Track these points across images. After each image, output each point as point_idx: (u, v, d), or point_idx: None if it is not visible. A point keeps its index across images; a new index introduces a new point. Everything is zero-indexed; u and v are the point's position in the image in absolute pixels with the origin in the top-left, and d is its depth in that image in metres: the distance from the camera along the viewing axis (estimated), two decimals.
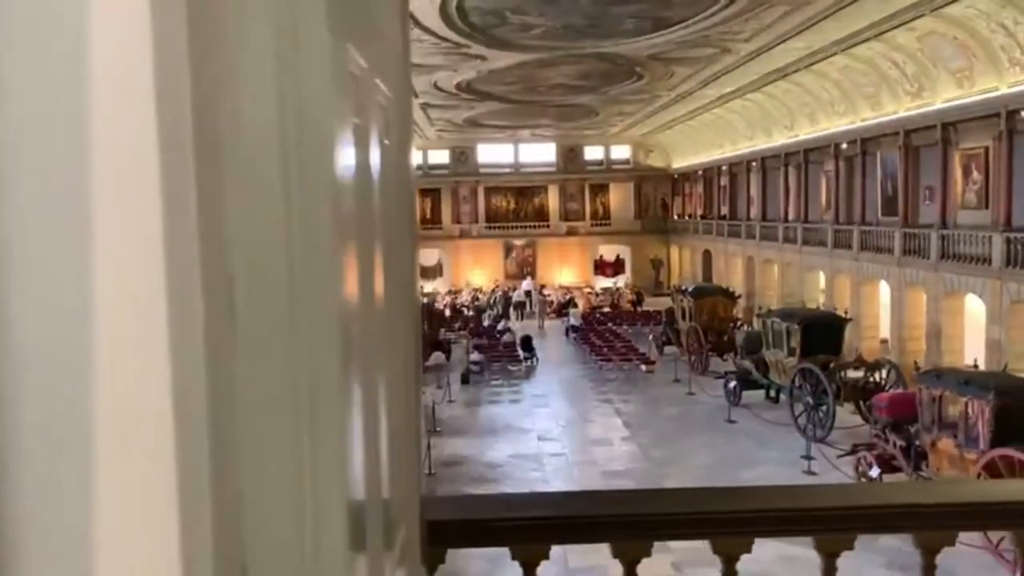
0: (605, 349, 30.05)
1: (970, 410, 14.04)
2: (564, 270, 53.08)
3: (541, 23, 18.87)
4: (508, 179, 53.78)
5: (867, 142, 27.37)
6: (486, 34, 19.97)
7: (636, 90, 30.29)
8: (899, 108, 24.51)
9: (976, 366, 20.53)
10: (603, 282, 51.75)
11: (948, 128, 22.77)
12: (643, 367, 28.01)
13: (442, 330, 35.61)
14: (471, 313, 42.77)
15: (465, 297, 47.57)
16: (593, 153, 53.44)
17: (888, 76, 23.97)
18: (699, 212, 48.30)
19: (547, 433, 21.69)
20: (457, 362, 30.20)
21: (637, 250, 53.24)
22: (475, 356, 28.43)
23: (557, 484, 17.34)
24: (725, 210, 42.83)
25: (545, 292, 48.10)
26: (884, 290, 26.34)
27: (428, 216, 54.30)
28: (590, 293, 48.62)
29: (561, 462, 19.26)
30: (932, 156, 23.85)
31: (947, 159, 23.16)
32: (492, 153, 52.86)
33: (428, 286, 51.93)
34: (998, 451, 13.27)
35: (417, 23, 18.83)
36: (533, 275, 51.97)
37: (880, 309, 26.68)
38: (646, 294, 47.35)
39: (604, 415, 23.51)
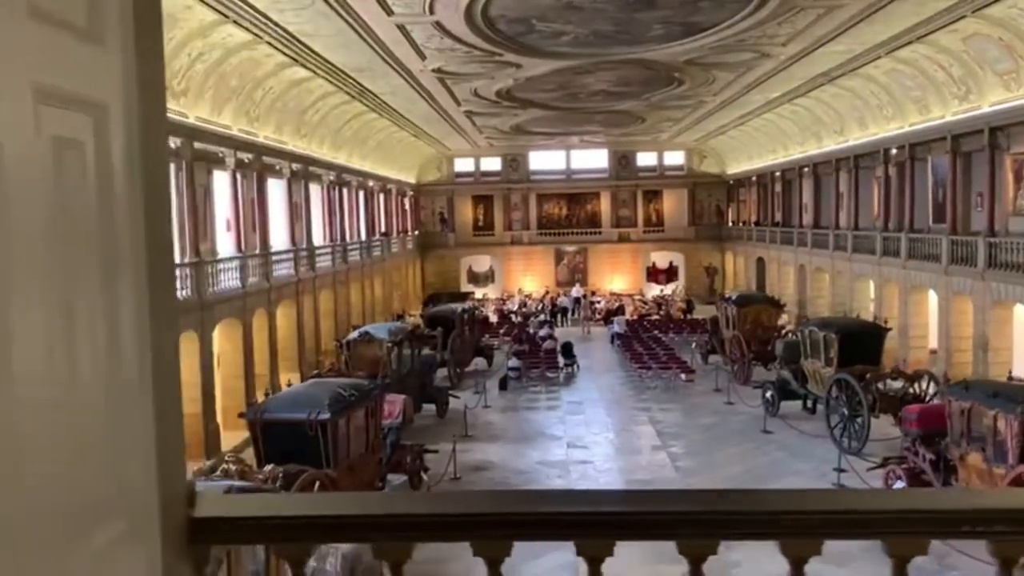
0: (646, 357, 29.82)
1: (999, 424, 13.56)
2: (616, 277, 52.82)
3: (569, 30, 18.94)
4: (560, 185, 53.83)
5: (916, 147, 26.63)
6: (516, 41, 20.12)
7: (679, 96, 30.05)
8: (946, 112, 23.79)
9: (1022, 379, 19.80)
10: (655, 289, 51.34)
11: (996, 132, 22.02)
12: (683, 376, 27.72)
13: (486, 336, 35.84)
14: (519, 319, 42.92)
15: (514, 303, 47.66)
16: (646, 159, 53.08)
17: (935, 79, 23.29)
18: (753, 219, 47.55)
19: (578, 440, 21.65)
20: (499, 368, 30.38)
21: (691, 257, 52.69)
22: (513, 362, 28.53)
23: None
24: (778, 217, 42.10)
25: (595, 299, 47.96)
26: (933, 299, 25.55)
27: (481, 223, 54.80)
28: (640, 300, 48.23)
29: (588, 469, 19.22)
30: (982, 161, 23.09)
31: (994, 164, 22.38)
32: (544, 160, 52.98)
33: (479, 292, 52.43)
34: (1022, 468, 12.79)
35: (445, 31, 19.11)
36: (584, 282, 51.91)
37: (929, 319, 25.88)
38: (699, 302, 46.78)
39: (638, 424, 23.35)
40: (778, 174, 41.46)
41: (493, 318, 44.17)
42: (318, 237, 32.06)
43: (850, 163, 31.69)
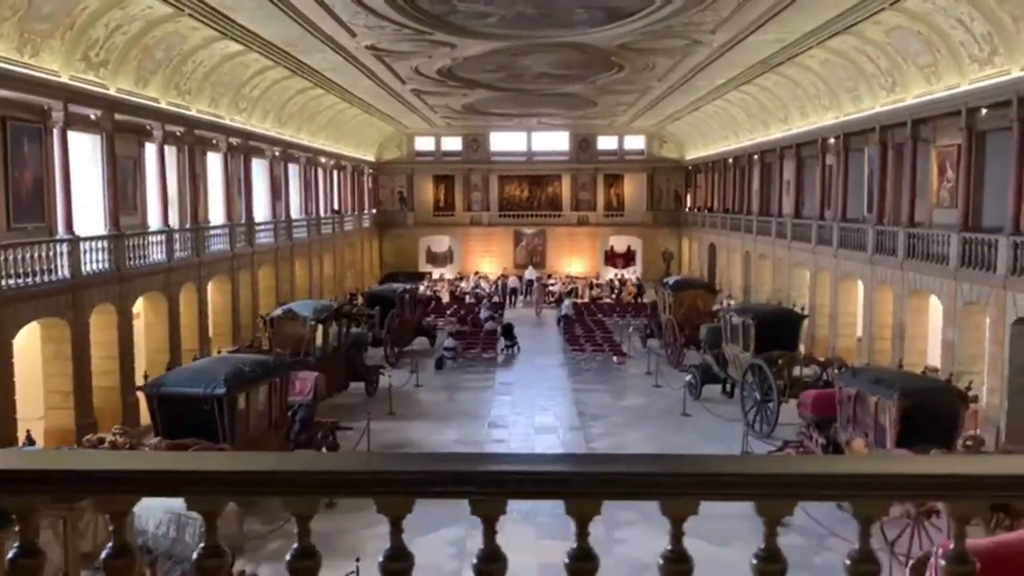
0: (582, 340, 30.08)
1: (879, 409, 13.90)
2: (574, 260, 53.02)
3: (492, 11, 18.95)
4: (521, 167, 53.81)
5: (851, 137, 26.94)
6: (442, 21, 20.10)
7: (624, 80, 30.13)
8: (876, 103, 24.08)
9: (936, 369, 20.24)
10: (613, 273, 51.61)
11: (920, 124, 22.34)
12: (615, 359, 28.01)
13: (432, 316, 35.97)
14: (472, 300, 43.05)
15: (468, 284, 47.75)
16: (607, 143, 53.14)
17: (865, 70, 23.56)
18: (708, 205, 47.88)
19: (499, 420, 21.88)
20: (440, 348, 30.54)
21: (649, 242, 52.95)
22: (449, 343, 28.68)
23: None
24: (731, 203, 42.43)
25: (550, 281, 48.19)
26: (861, 288, 25.96)
27: (442, 203, 54.72)
28: (595, 284, 48.52)
29: (503, 448, 19.41)
30: (911, 152, 23.39)
31: (916, 156, 22.73)
32: (505, 141, 52.90)
33: (437, 272, 52.49)
34: (897, 452, 13.13)
35: (369, 9, 19.06)
36: (542, 264, 52.09)
37: (858, 307, 26.30)
38: (657, 286, 47.03)
39: (563, 404, 23.61)
40: (730, 161, 41.75)
41: (446, 298, 44.35)
42: (261, 213, 31.93)
43: (793, 151, 32.01)
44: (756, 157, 37.04)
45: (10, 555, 2.29)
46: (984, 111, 19.32)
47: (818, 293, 28.65)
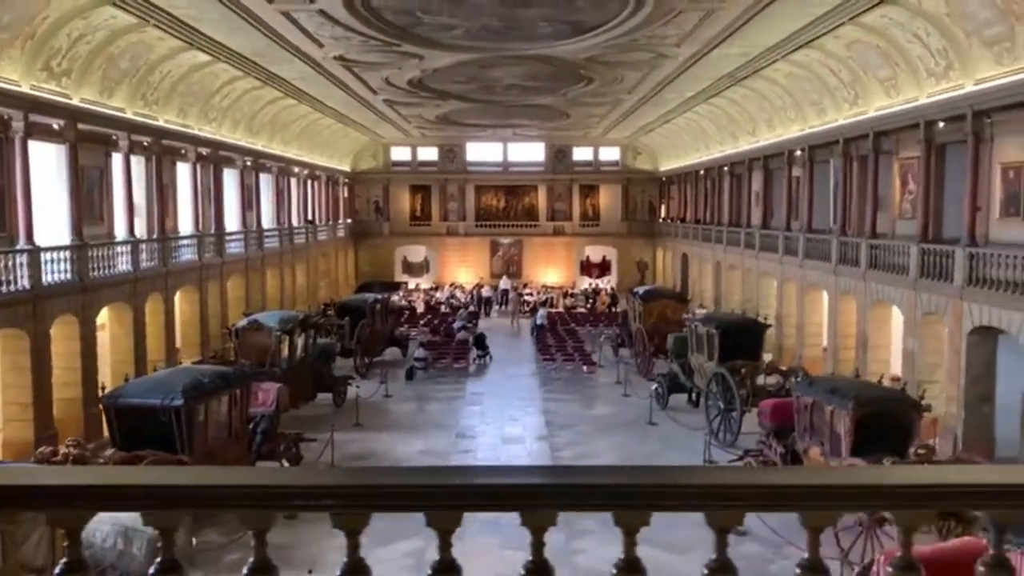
0: (553, 350, 30.18)
1: (834, 418, 14.07)
2: (550, 270, 53.19)
3: (456, 23, 19.06)
4: (497, 177, 53.96)
5: (816, 149, 27.28)
6: (408, 33, 20.19)
7: (593, 93, 30.35)
8: (839, 116, 24.41)
9: (898, 378, 20.49)
10: (587, 283, 51.81)
11: (880, 137, 22.67)
12: (584, 368, 28.13)
13: (405, 326, 35.96)
14: (447, 311, 43.05)
15: (443, 294, 47.75)
16: (582, 154, 53.45)
17: (828, 83, 23.89)
18: (681, 215, 48.24)
19: (467, 431, 21.92)
20: (412, 358, 30.50)
21: (624, 252, 53.22)
22: (420, 353, 28.70)
23: None
24: (703, 214, 42.77)
25: (526, 291, 48.33)
26: (826, 298, 26.24)
27: (418, 213, 54.76)
28: (569, 294, 48.71)
29: (468, 458, 19.48)
30: (883, 164, 23.70)
31: (879, 168, 23.07)
32: (481, 151, 53.07)
33: (413, 282, 52.49)
34: (851, 461, 13.30)
35: (333, 20, 19.13)
36: (519, 274, 52.25)
37: (823, 317, 26.57)
38: (628, 296, 47.29)
39: (531, 414, 23.68)
40: (701, 172, 42.10)
41: (421, 308, 44.35)
42: (232, 223, 31.85)
43: (761, 163, 32.35)
44: (726, 169, 37.39)
45: None
46: (941, 124, 19.64)
47: (785, 303, 28.95)
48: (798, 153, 28.59)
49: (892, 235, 23.31)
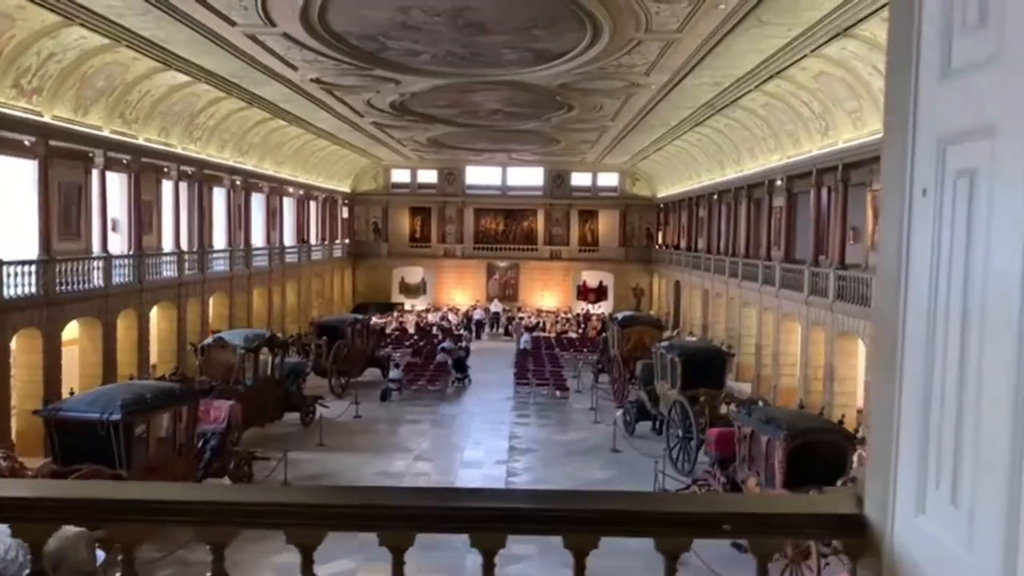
0: (529, 374, 30.15)
1: (769, 448, 13.99)
2: (546, 294, 53.25)
3: (420, 49, 19.30)
4: (496, 201, 54.22)
5: (794, 180, 27.30)
6: (377, 58, 20.45)
7: (577, 119, 30.55)
8: (812, 147, 24.44)
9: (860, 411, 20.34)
10: (581, 308, 51.80)
11: (849, 169, 22.66)
12: (558, 393, 28.09)
13: (389, 347, 36.04)
14: (437, 333, 43.10)
15: (435, 316, 47.87)
16: (580, 179, 53.65)
17: (802, 114, 23.94)
18: (675, 243, 48.24)
19: (427, 453, 21.90)
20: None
21: (620, 278, 53.21)
22: (395, 374, 28.76)
23: None
24: (697, 242, 42.76)
25: (520, 315, 48.40)
26: (800, 329, 26.13)
27: (418, 235, 55.10)
28: (562, 317, 48.74)
29: (423, 481, 19.45)
30: (857, 195, 23.67)
31: (848, 199, 23.06)
32: (480, 175, 53.40)
33: (409, 303, 52.70)
34: (779, 492, 13.19)
35: (301, 44, 19.42)
36: (515, 298, 52.37)
37: (798, 347, 26.43)
38: (608, 322, 47.23)
39: (497, 438, 23.62)
40: (694, 200, 42.15)
41: (411, 330, 44.44)
42: (220, 241, 32.19)
43: (745, 192, 32.37)
44: (715, 197, 37.42)
45: None
46: None
47: (763, 332, 28.83)
48: (778, 183, 28.61)
49: (865, 266, 23.21)
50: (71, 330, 21.95)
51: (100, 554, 11.29)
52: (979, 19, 1.83)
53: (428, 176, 53.70)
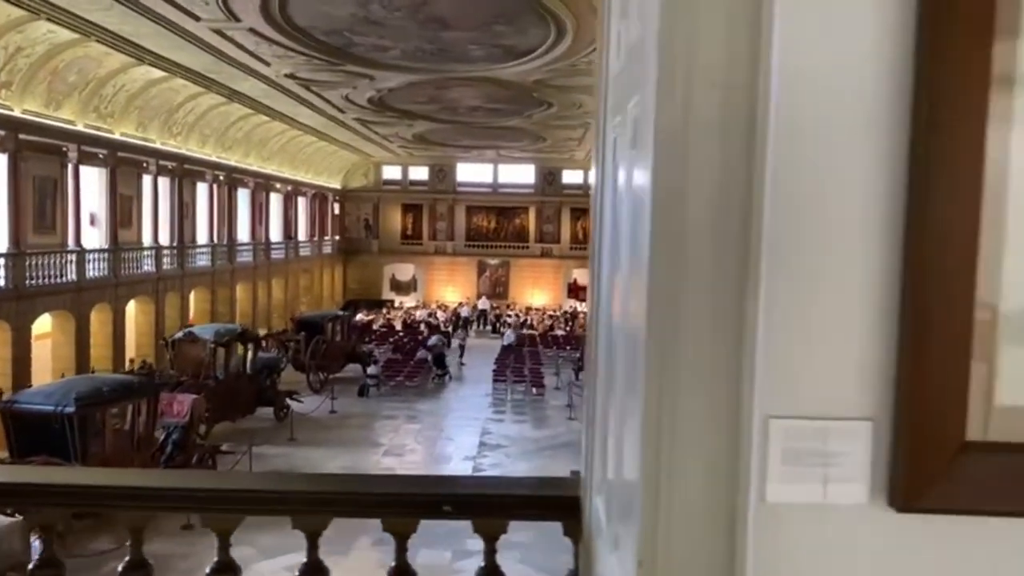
0: (508, 371, 30.19)
1: None
2: (537, 292, 53.28)
3: (388, 44, 19.34)
4: (487, 198, 54.25)
5: None
6: (346, 53, 20.50)
7: (558, 116, 30.56)
8: None
9: None
10: (570, 306, 51.86)
11: None
12: (534, 390, 28.15)
13: (372, 343, 36.09)
14: (425, 330, 43.16)
15: (422, 313, 47.95)
16: (572, 177, 53.54)
17: None
18: None
19: (396, 449, 21.96)
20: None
21: None
22: (372, 370, 28.81)
23: None
24: None
25: (509, 312, 48.47)
26: None
27: (410, 231, 55.15)
28: (549, 315, 48.82)
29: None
30: None
31: None
32: (471, 172, 53.40)
33: (399, 300, 52.78)
34: None
35: (268, 39, 19.48)
36: (505, 295, 52.42)
37: None
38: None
39: (469, 435, 23.67)
40: None
41: (399, 326, 44.50)
42: (202, 235, 32.29)
43: None
44: None
45: None
46: None
47: None
48: None
49: None
50: (44, 324, 22.07)
51: (36, 544, 11.36)
52: None
53: (419, 173, 53.73)
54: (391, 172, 53.72)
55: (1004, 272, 1.14)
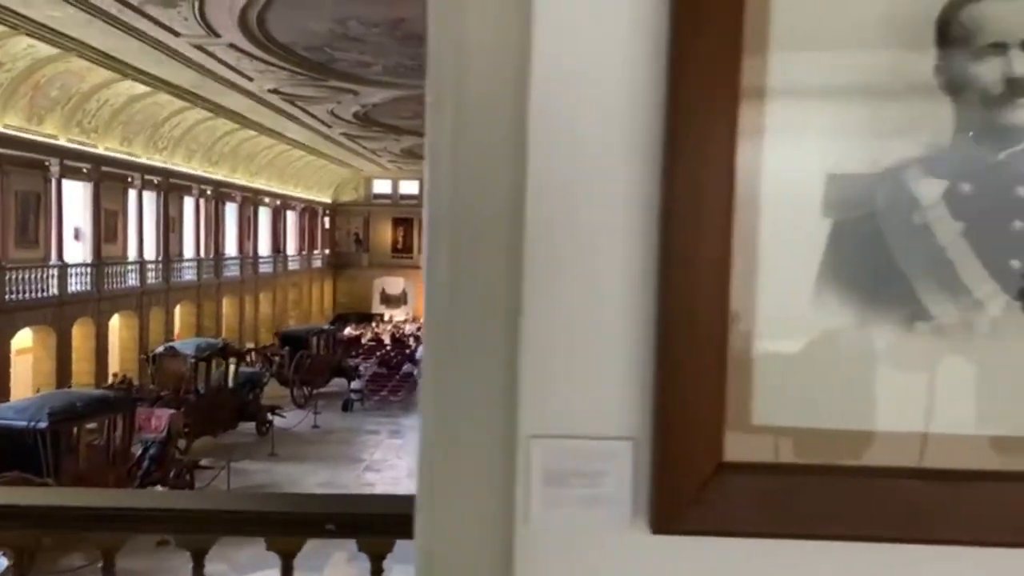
0: None
1: None
2: None
3: (369, 60, 19.38)
4: None
5: None
6: (328, 68, 20.54)
7: None
8: None
9: None
10: None
11: None
12: None
13: (359, 358, 36.00)
14: (412, 343, 43.07)
15: (411, 327, 47.86)
16: None
17: None
18: None
19: (377, 464, 21.89)
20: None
21: None
22: (356, 384, 28.74)
23: None
24: None
25: None
26: None
27: (400, 245, 55.14)
28: None
29: (367, 492, 19.39)
30: None
31: None
32: None
33: (389, 313, 52.70)
34: None
35: (249, 55, 19.50)
36: None
37: None
38: None
39: None
40: None
41: (387, 340, 44.40)
42: (189, 249, 32.22)
43: None
44: None
45: None
46: None
47: None
48: None
49: None
50: (25, 339, 21.97)
51: (3, 561, 11.23)
52: None
53: (410, 187, 53.68)
54: (381, 186, 53.79)
55: (759, 288, 1.11)
